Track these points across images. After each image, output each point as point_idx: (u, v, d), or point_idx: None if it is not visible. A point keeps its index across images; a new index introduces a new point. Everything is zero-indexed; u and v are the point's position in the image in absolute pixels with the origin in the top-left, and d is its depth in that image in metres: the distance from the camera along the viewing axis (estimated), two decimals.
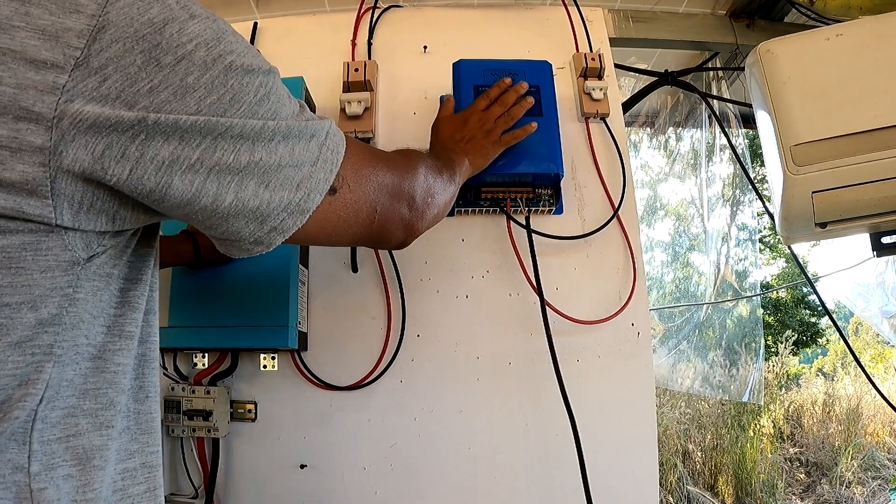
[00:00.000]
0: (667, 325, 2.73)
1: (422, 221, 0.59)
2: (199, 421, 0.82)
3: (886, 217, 0.78)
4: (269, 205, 0.40)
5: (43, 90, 0.31)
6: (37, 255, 0.34)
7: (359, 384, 0.88)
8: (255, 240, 0.42)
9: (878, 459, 3.99)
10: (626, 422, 0.88)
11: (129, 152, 0.34)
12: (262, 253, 0.44)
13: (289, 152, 0.40)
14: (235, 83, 0.36)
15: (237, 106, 0.37)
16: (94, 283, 0.38)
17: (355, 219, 0.49)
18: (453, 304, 0.91)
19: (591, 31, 1.07)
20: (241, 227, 0.40)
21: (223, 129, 0.36)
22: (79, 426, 0.37)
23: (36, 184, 0.32)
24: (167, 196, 0.36)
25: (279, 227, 0.42)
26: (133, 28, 0.33)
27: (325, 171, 0.43)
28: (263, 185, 0.39)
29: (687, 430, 4.15)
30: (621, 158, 0.99)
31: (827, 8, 1.11)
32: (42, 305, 0.34)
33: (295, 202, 0.41)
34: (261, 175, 0.39)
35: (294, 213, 0.42)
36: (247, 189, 0.38)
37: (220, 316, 0.79)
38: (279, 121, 0.39)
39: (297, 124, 0.41)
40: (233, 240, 0.42)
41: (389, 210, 0.53)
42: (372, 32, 1.06)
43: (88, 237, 0.36)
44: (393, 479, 0.85)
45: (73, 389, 0.37)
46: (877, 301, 2.32)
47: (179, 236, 0.78)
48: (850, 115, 0.77)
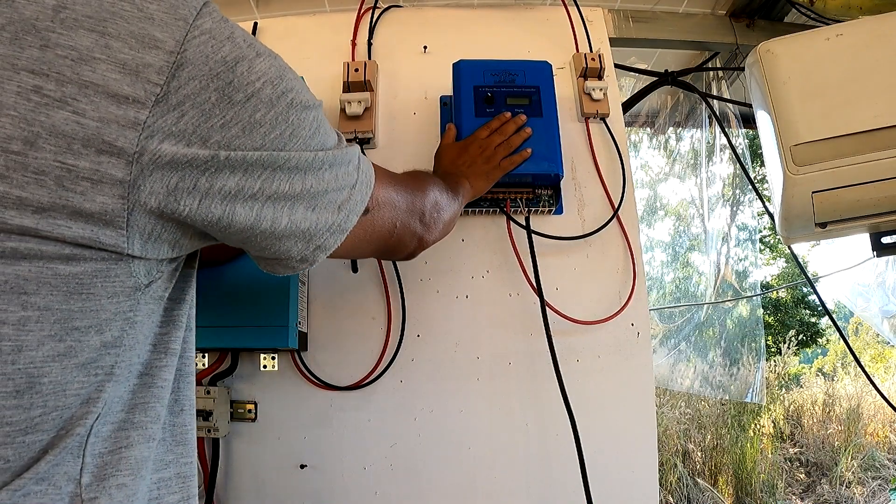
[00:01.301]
0: (667, 325, 2.73)
1: (430, 234, 0.63)
2: (199, 421, 0.82)
3: (886, 217, 0.78)
4: (316, 226, 0.43)
5: (125, 125, 0.32)
6: (106, 281, 0.35)
7: (359, 384, 0.88)
8: (301, 258, 0.45)
9: (878, 459, 3.99)
10: (626, 422, 0.88)
11: (199, 185, 0.36)
12: (302, 269, 0.47)
13: (333, 178, 0.43)
14: (295, 119, 0.39)
15: (295, 140, 0.40)
16: (150, 306, 0.40)
17: (379, 235, 0.54)
18: (453, 304, 0.91)
19: (591, 31, 1.07)
20: (290, 247, 0.43)
21: (282, 161, 0.39)
22: (130, 438, 0.39)
23: (114, 215, 0.33)
24: (233, 223, 0.38)
25: (322, 246, 0.45)
26: (208, 66, 0.35)
27: (363, 193, 0.47)
28: (311, 209, 0.42)
29: (687, 430, 4.15)
30: (621, 158, 0.99)
31: (827, 8, 1.11)
32: (107, 329, 0.36)
33: (337, 223, 0.45)
34: (310, 200, 0.42)
35: (336, 233, 0.45)
36: (297, 212, 0.41)
37: (220, 316, 0.79)
38: (326, 152, 0.42)
39: (339, 153, 0.44)
40: (282, 259, 0.44)
41: (406, 225, 0.58)
42: (372, 32, 1.06)
43: (150, 264, 0.38)
44: (393, 479, 0.85)
45: (122, 404, 0.39)
46: (877, 301, 2.32)
47: None
48: (850, 115, 0.77)
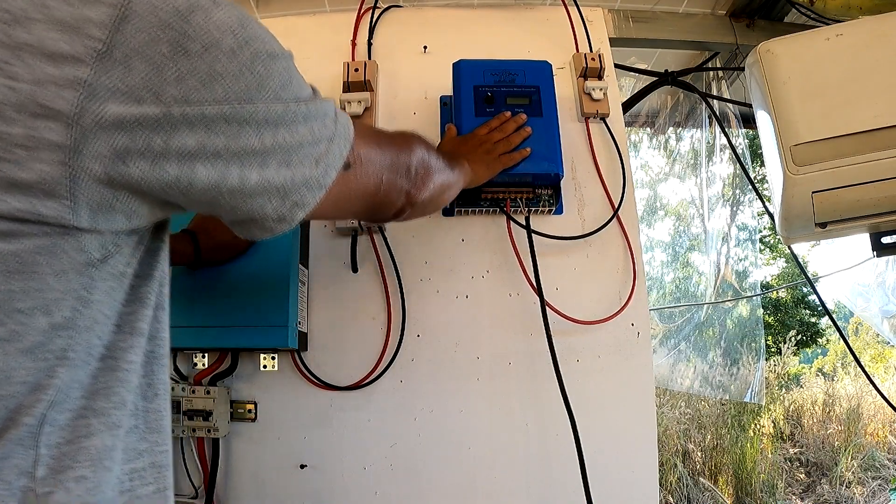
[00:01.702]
0: (667, 325, 2.73)
1: (418, 191, 0.59)
2: (199, 421, 0.82)
3: (886, 217, 0.78)
4: (291, 181, 0.40)
5: (62, 85, 0.30)
6: (51, 258, 0.32)
7: (359, 384, 0.88)
8: (278, 216, 0.42)
9: (878, 459, 3.99)
10: (626, 422, 0.88)
11: (153, 145, 0.33)
12: (284, 231, 0.44)
13: (308, 131, 0.40)
14: (262, 69, 0.36)
15: (263, 92, 0.37)
16: (108, 283, 0.37)
17: (364, 191, 0.51)
18: (453, 304, 0.91)
19: (591, 31, 1.07)
20: (264, 204, 0.40)
21: (249, 114, 0.36)
22: (90, 427, 0.36)
23: (54, 183, 0.31)
24: (194, 184, 0.35)
25: (301, 202, 0.42)
26: (158, 17, 0.32)
27: (340, 147, 0.44)
28: (285, 164, 0.39)
29: (687, 430, 4.15)
30: (621, 158, 0.99)
31: (827, 8, 1.11)
32: (55, 309, 0.34)
33: (315, 178, 0.41)
34: (283, 154, 0.39)
35: (313, 188, 0.42)
36: (269, 168, 0.38)
37: (220, 316, 0.79)
38: (300, 104, 0.40)
39: (314, 105, 0.41)
40: (256, 219, 0.41)
41: (391, 180, 0.54)
42: (372, 32, 1.06)
43: (104, 238, 0.35)
44: (393, 479, 0.85)
45: (82, 390, 0.36)
46: (877, 301, 2.32)
47: (179, 235, 0.78)
48: (850, 115, 0.77)
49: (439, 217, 0.95)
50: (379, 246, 0.92)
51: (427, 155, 0.62)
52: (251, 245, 0.81)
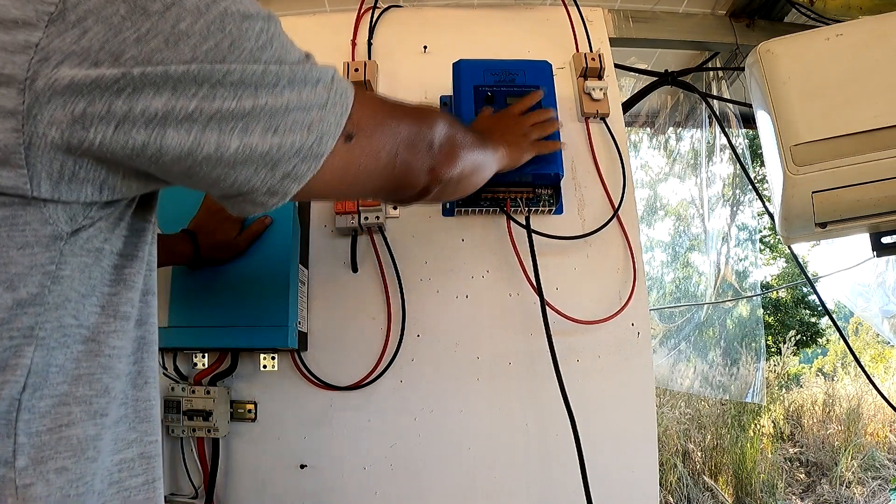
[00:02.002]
0: (667, 325, 2.73)
1: (445, 167, 0.55)
2: (199, 421, 0.82)
3: (886, 217, 0.78)
4: (279, 149, 0.37)
5: (13, 51, 0.29)
6: (12, 230, 0.31)
7: (359, 384, 0.88)
8: (268, 189, 0.39)
9: (878, 459, 3.99)
10: (626, 422, 0.88)
11: (114, 108, 0.31)
12: (277, 206, 0.41)
13: (296, 96, 0.38)
14: (234, 29, 0.34)
15: (237, 52, 0.34)
16: (81, 258, 0.35)
17: (375, 165, 0.47)
18: (453, 304, 0.91)
19: (591, 31, 1.07)
20: (251, 176, 0.37)
21: (221, 75, 0.34)
22: (72, 415, 0.35)
23: (8, 151, 0.29)
24: (163, 150, 0.33)
25: (293, 174, 0.39)
26: None
27: (336, 114, 0.41)
28: (271, 131, 0.37)
29: (687, 430, 4.15)
30: (621, 158, 0.99)
31: (827, 8, 1.11)
32: (20, 285, 0.32)
33: (307, 146, 0.39)
34: (267, 119, 0.36)
35: (307, 159, 0.39)
36: (253, 134, 0.36)
37: (220, 316, 0.79)
38: (283, 65, 0.37)
39: (302, 69, 0.38)
40: (244, 192, 0.39)
41: (410, 154, 0.50)
42: (372, 32, 1.06)
43: (73, 209, 0.34)
44: (393, 479, 0.85)
45: (64, 375, 0.35)
46: (877, 301, 2.32)
47: (179, 235, 0.78)
48: (850, 115, 0.77)
49: (439, 217, 0.95)
50: (379, 246, 0.92)
51: (453, 130, 0.57)
52: (251, 245, 0.81)
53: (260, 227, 0.81)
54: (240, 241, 0.80)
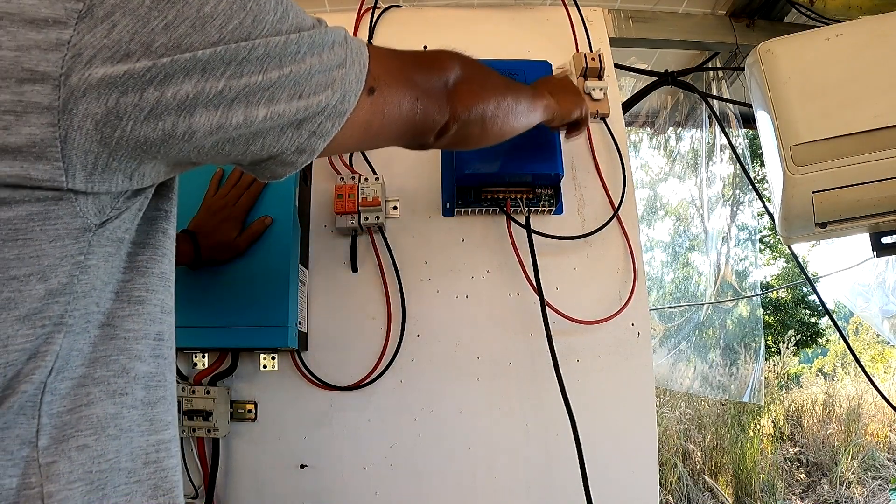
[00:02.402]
0: (667, 325, 2.73)
1: (461, 105, 0.55)
2: (199, 421, 0.82)
3: (886, 217, 0.78)
4: (305, 111, 0.39)
5: (46, 49, 0.30)
6: (45, 224, 0.32)
7: (359, 384, 0.88)
8: (296, 148, 0.41)
9: (878, 459, 3.99)
10: (626, 422, 0.88)
11: (146, 97, 0.32)
12: (305, 164, 0.43)
13: (317, 60, 0.39)
14: (254, 5, 0.35)
15: (260, 27, 0.36)
16: (105, 248, 0.37)
17: (398, 114, 0.49)
18: (453, 304, 0.91)
19: (591, 31, 1.07)
20: (278, 137, 0.39)
21: (247, 51, 0.35)
22: (91, 395, 0.36)
23: (45, 146, 0.31)
24: (193, 128, 0.34)
25: (318, 131, 0.41)
26: None
27: (356, 71, 0.42)
28: (297, 96, 0.38)
29: (687, 430, 4.15)
30: (621, 158, 0.99)
31: (827, 8, 1.11)
32: (52, 275, 0.33)
33: (332, 105, 0.40)
34: (292, 86, 0.38)
35: (332, 116, 0.41)
36: (279, 102, 0.37)
37: (220, 316, 0.79)
38: (302, 33, 0.38)
39: (319, 33, 0.40)
40: (274, 155, 0.41)
41: (428, 95, 0.52)
42: (372, 32, 1.06)
43: (101, 201, 0.35)
44: (393, 479, 0.85)
45: (82, 358, 0.36)
46: (877, 301, 2.32)
47: (179, 236, 0.77)
48: (850, 115, 0.77)
49: (439, 217, 0.95)
50: (379, 246, 0.92)
51: (470, 70, 0.58)
52: (251, 245, 0.81)
53: (260, 227, 0.81)
54: (240, 241, 0.80)
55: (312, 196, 0.96)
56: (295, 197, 0.85)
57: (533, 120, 0.68)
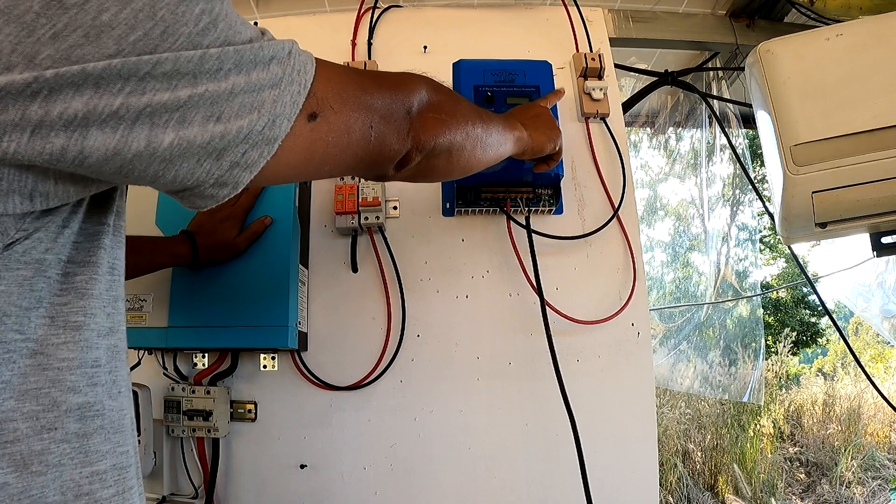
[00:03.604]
0: (667, 325, 2.73)
1: (426, 133, 0.51)
2: (199, 421, 0.82)
3: (886, 217, 0.78)
4: (222, 138, 0.34)
5: None
6: None
7: (359, 384, 0.88)
8: (216, 181, 0.36)
9: (878, 459, 3.99)
10: (626, 422, 0.88)
11: (28, 114, 0.28)
12: (229, 196, 0.38)
13: (243, 79, 0.34)
14: (167, 14, 0.31)
15: (171, 39, 0.31)
16: (18, 272, 0.34)
17: (347, 142, 0.43)
18: (453, 304, 0.91)
19: (591, 31, 1.07)
20: (193, 169, 0.34)
21: (150, 66, 0.30)
22: (17, 431, 0.34)
23: None
24: (85, 153, 0.30)
25: (242, 162, 0.36)
26: None
27: (293, 92, 0.37)
28: (213, 119, 0.33)
29: (687, 430, 4.15)
30: (621, 158, 0.99)
31: (827, 8, 1.11)
32: None
33: (257, 131, 0.36)
34: (208, 107, 0.33)
35: (258, 144, 0.36)
36: (191, 125, 0.33)
37: (220, 316, 0.79)
38: (226, 48, 0.34)
39: (252, 48, 0.35)
40: (190, 186, 0.36)
41: (386, 125, 0.47)
42: (372, 32, 1.06)
43: (3, 222, 0.32)
44: (393, 479, 0.85)
45: (10, 391, 0.34)
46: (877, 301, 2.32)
47: (178, 237, 0.78)
48: (850, 115, 0.77)
49: (439, 217, 0.95)
50: (379, 246, 0.92)
51: (440, 96, 0.53)
52: (250, 245, 0.81)
53: (260, 227, 0.81)
54: (239, 241, 0.80)
55: (312, 196, 0.96)
56: (295, 197, 0.85)
57: (503, 153, 0.65)
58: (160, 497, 0.83)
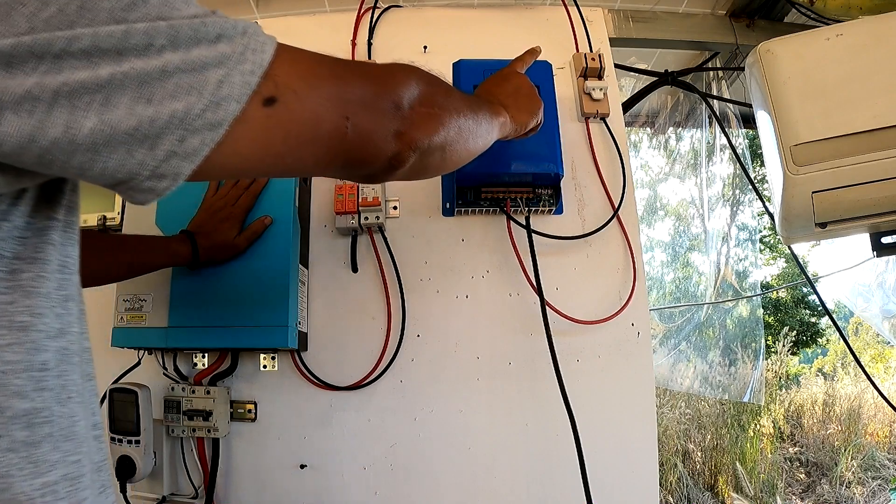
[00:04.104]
0: (667, 325, 2.73)
1: (420, 132, 0.46)
2: (199, 421, 0.82)
3: (886, 217, 0.78)
4: (153, 123, 0.30)
5: None
6: None
7: (359, 384, 0.88)
8: (151, 172, 0.32)
9: (878, 459, 3.99)
10: (626, 422, 0.88)
11: None
12: (171, 190, 0.34)
13: (181, 56, 0.31)
14: None
15: (90, 15, 0.29)
16: None
17: (314, 134, 0.39)
18: (453, 304, 0.91)
19: (591, 31, 1.07)
20: (124, 160, 0.31)
21: (65, 42, 0.28)
22: None
23: None
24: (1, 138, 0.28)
25: (181, 151, 0.32)
26: None
27: (244, 72, 0.33)
28: (144, 100, 0.30)
29: (687, 430, 4.15)
30: (621, 158, 0.99)
31: (827, 8, 1.11)
32: None
33: (195, 114, 0.32)
34: (137, 87, 0.30)
35: (199, 130, 0.32)
36: (116, 108, 0.29)
37: (220, 316, 0.79)
38: (160, 22, 0.30)
39: (190, 24, 0.32)
40: (123, 179, 0.32)
41: (368, 118, 0.42)
42: (372, 32, 1.06)
43: None
44: (393, 479, 0.85)
45: None
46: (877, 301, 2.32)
47: (178, 236, 0.78)
48: (850, 115, 0.77)
49: (439, 217, 0.95)
50: (379, 246, 0.92)
51: (432, 88, 0.49)
52: (250, 245, 0.81)
53: (259, 227, 0.81)
54: (239, 241, 0.80)
55: (312, 196, 0.96)
56: (295, 197, 0.85)
57: (490, 141, 0.61)
58: (160, 497, 0.83)
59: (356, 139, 0.41)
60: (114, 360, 0.86)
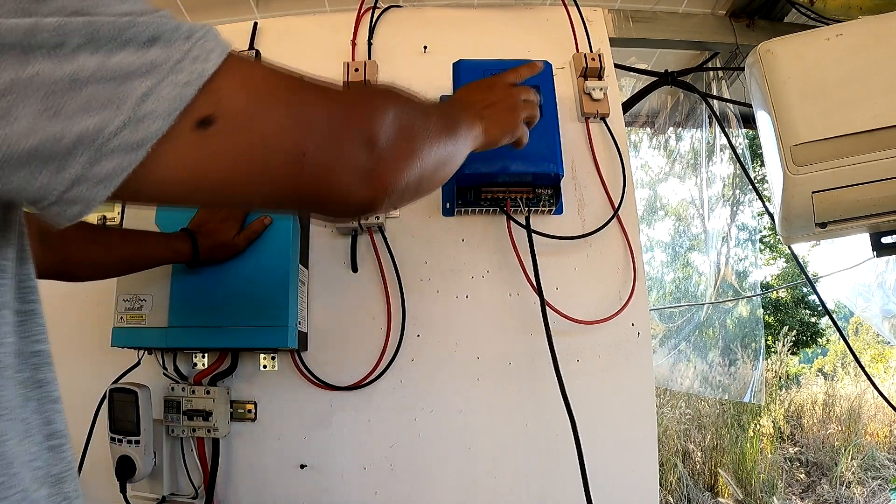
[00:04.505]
0: (667, 325, 2.73)
1: (396, 173, 0.40)
2: (199, 421, 0.82)
3: (886, 217, 0.78)
4: (58, 141, 0.26)
5: None
6: None
7: (359, 384, 0.88)
8: (58, 198, 0.27)
9: (878, 459, 3.99)
10: (626, 422, 0.88)
11: None
12: (80, 216, 0.28)
13: (99, 60, 0.26)
14: None
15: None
16: None
17: (264, 164, 0.33)
18: (453, 304, 0.91)
19: (591, 31, 1.07)
20: (26, 182, 0.26)
21: None
22: None
23: None
24: None
25: (91, 176, 0.27)
26: None
27: (177, 83, 0.28)
28: (49, 113, 0.25)
29: (687, 430, 4.15)
30: (621, 158, 0.99)
31: (827, 8, 1.11)
32: None
33: (109, 132, 0.27)
34: (42, 98, 0.25)
35: (113, 152, 0.27)
36: (17, 121, 0.25)
37: (220, 316, 0.79)
38: (77, 18, 0.26)
39: (115, 22, 0.27)
40: (31, 201, 0.28)
41: (330, 153, 0.35)
42: (372, 32, 1.06)
43: None
44: (393, 479, 0.85)
45: None
46: (877, 301, 2.32)
47: (179, 234, 0.78)
48: (850, 115, 0.77)
49: (439, 217, 0.95)
50: (379, 246, 0.92)
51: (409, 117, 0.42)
52: (250, 244, 0.81)
53: (259, 226, 0.81)
54: (239, 240, 0.80)
55: None
56: None
57: (464, 158, 0.55)
58: (160, 497, 0.83)
59: (313, 178, 0.35)
60: (114, 360, 0.86)
